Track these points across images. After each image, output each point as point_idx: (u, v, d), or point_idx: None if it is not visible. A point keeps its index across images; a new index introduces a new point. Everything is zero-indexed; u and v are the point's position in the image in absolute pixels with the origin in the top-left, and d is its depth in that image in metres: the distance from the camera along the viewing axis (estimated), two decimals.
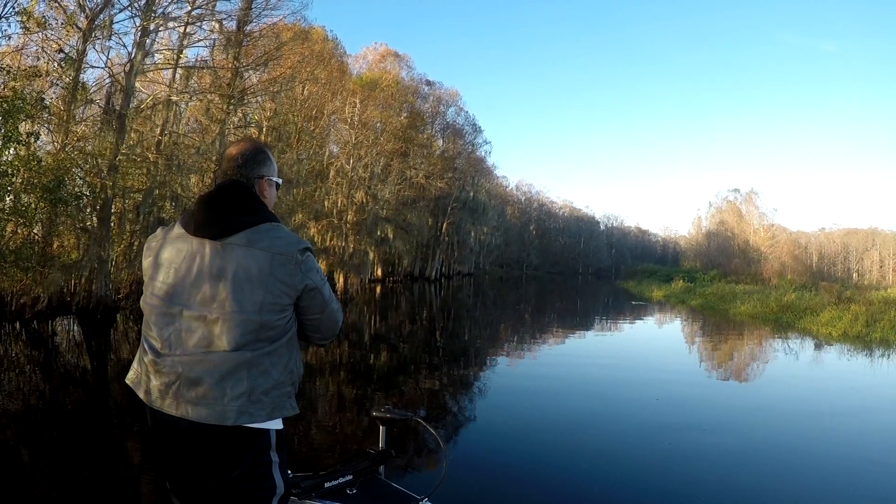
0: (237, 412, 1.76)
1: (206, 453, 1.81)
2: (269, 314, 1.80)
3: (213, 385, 1.75)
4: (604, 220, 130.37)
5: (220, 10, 18.68)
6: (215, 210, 1.86)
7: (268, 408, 1.81)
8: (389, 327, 17.78)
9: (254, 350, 1.79)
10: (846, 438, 6.91)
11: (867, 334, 17.32)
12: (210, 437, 1.78)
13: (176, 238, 1.89)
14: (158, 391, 1.80)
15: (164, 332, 1.83)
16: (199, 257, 1.82)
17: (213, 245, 1.82)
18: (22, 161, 12.93)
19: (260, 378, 1.80)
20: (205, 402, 1.75)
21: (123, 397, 7.11)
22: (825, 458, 6.14)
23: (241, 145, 2.03)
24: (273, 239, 1.83)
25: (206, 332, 1.78)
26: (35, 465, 4.97)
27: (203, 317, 1.79)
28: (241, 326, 1.77)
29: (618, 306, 30.82)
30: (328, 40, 32.71)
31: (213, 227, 1.83)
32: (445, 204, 51.39)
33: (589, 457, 5.86)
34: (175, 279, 1.84)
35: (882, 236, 78.98)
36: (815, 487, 5.19)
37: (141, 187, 17.54)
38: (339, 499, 2.23)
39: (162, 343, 1.83)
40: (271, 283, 1.80)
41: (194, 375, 1.76)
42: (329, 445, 5.87)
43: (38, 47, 14.89)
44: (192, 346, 1.78)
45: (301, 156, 25.38)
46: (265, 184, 2.01)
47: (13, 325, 13.33)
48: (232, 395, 1.76)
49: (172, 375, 1.78)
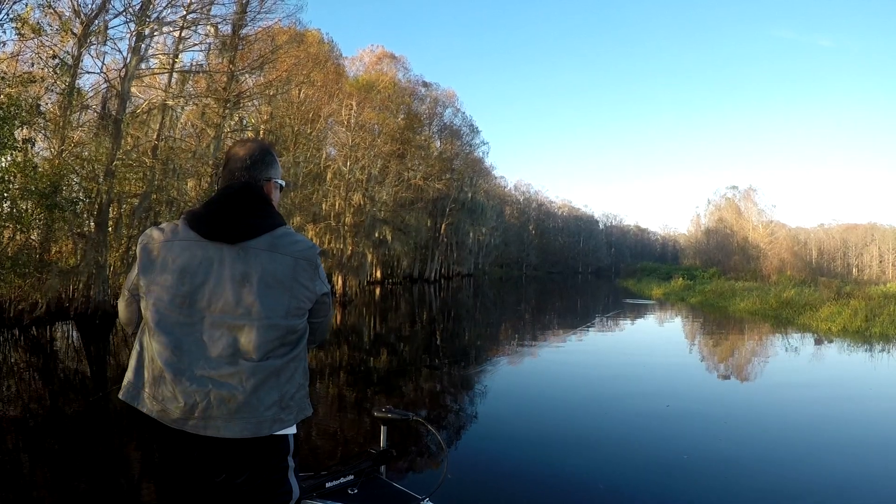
0: (272, 421, 1.74)
1: (228, 465, 1.77)
2: (294, 319, 1.79)
3: (247, 397, 1.71)
4: (603, 218, 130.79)
5: (215, 14, 18.71)
6: (231, 213, 1.80)
7: (294, 412, 1.80)
8: (389, 329, 17.76)
9: (281, 357, 1.77)
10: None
11: (867, 329, 17.33)
12: (235, 449, 1.74)
13: (186, 241, 1.78)
14: (182, 411, 1.70)
15: (183, 341, 1.73)
16: (218, 262, 1.76)
17: (232, 249, 1.77)
18: (18, 167, 12.90)
19: (287, 384, 1.78)
20: (240, 416, 1.71)
21: (123, 404, 7.05)
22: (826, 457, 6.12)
23: (247, 146, 1.97)
24: (293, 243, 1.81)
25: (231, 340, 1.72)
26: (34, 471, 4.94)
27: (227, 323, 1.73)
28: (269, 332, 1.74)
29: (618, 305, 30.81)
30: (324, 43, 32.78)
31: (231, 230, 1.77)
32: (444, 205, 51.41)
33: (590, 456, 5.85)
34: (192, 285, 1.75)
35: (881, 231, 79.19)
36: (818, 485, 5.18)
37: (137, 192, 17.50)
38: (341, 499, 2.22)
39: (180, 354, 1.73)
40: (296, 287, 1.78)
41: (227, 390, 1.70)
42: (329, 447, 5.85)
43: (33, 53, 14.87)
44: (216, 355, 1.72)
45: (298, 159, 25.36)
46: (272, 186, 1.97)
47: (11, 331, 13.28)
48: (266, 404, 1.73)
49: (199, 394, 1.69)
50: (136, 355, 1.84)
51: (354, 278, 32.70)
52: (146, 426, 1.83)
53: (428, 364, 11.29)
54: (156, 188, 17.63)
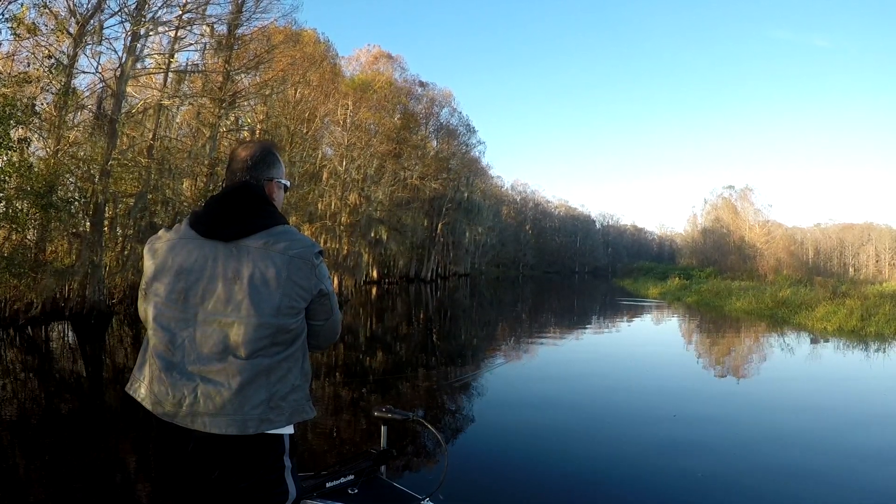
0: (258, 420, 1.73)
1: (220, 462, 1.77)
2: (286, 318, 1.78)
3: (233, 395, 1.71)
4: (600, 218, 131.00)
5: (210, 13, 18.68)
6: (227, 212, 1.82)
7: (286, 413, 1.79)
8: (386, 328, 17.75)
9: (271, 356, 1.76)
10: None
11: (862, 328, 17.39)
12: (226, 446, 1.74)
13: (186, 240, 1.83)
14: (171, 405, 1.74)
15: (177, 337, 1.76)
16: (213, 259, 1.78)
17: (227, 247, 1.78)
18: (14, 167, 12.85)
19: (278, 384, 1.77)
20: (224, 413, 1.71)
21: (119, 402, 7.06)
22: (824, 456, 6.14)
23: (250, 147, 1.98)
24: (290, 242, 1.80)
25: (222, 337, 1.74)
26: (30, 471, 4.92)
27: (219, 320, 1.74)
28: (259, 330, 1.73)
29: (615, 304, 30.87)
30: (320, 42, 32.72)
31: (227, 228, 1.79)
32: (440, 205, 51.41)
33: (591, 456, 5.85)
34: (188, 282, 1.78)
35: (878, 231, 79.50)
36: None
37: (133, 192, 17.45)
38: (341, 499, 2.22)
39: (174, 349, 1.76)
40: (288, 286, 1.77)
41: (212, 386, 1.71)
42: (325, 447, 5.84)
43: (29, 53, 14.81)
44: (207, 351, 1.73)
45: (294, 158, 25.32)
46: (274, 186, 1.98)
47: (7, 331, 13.23)
48: (253, 403, 1.73)
49: (187, 388, 1.72)
50: (142, 351, 1.87)
51: (351, 278, 32.67)
52: (148, 422, 1.84)
53: (425, 364, 11.28)
54: (151, 188, 17.60)
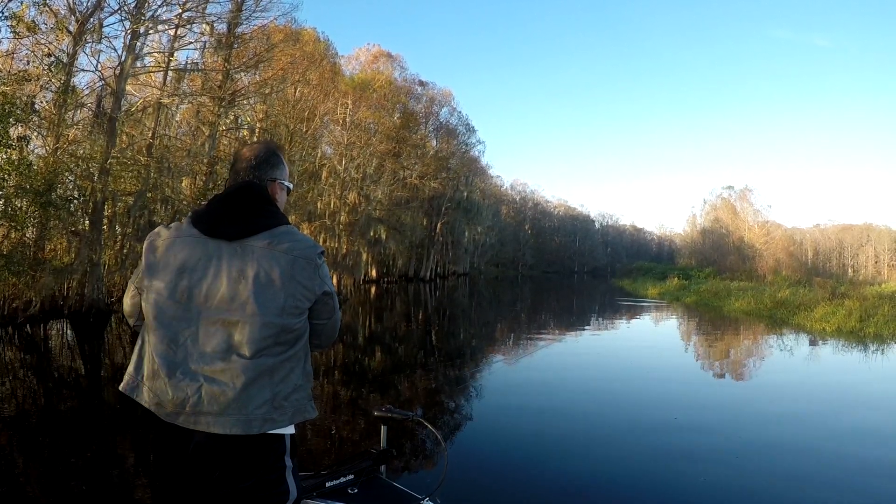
0: (262, 420, 1.74)
1: (221, 462, 1.76)
2: (290, 317, 1.78)
3: (237, 394, 1.71)
4: (599, 218, 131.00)
5: (210, 12, 18.67)
6: (231, 211, 1.83)
7: (289, 412, 1.80)
8: (385, 328, 17.74)
9: (275, 356, 1.77)
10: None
11: (861, 329, 17.40)
12: (228, 446, 1.74)
13: (187, 238, 1.82)
14: (173, 405, 1.73)
15: (180, 336, 1.76)
16: (216, 258, 1.78)
17: (230, 246, 1.79)
18: (13, 165, 12.84)
19: (281, 384, 1.78)
20: (228, 413, 1.71)
21: (117, 401, 7.05)
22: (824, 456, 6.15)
23: (254, 147, 2.00)
24: (293, 242, 1.81)
25: (226, 336, 1.74)
26: (28, 469, 4.92)
27: (222, 319, 1.75)
28: (263, 330, 1.74)
29: (613, 304, 30.88)
30: (319, 41, 32.76)
31: (231, 228, 1.80)
32: (439, 204, 51.43)
33: (591, 455, 5.85)
34: (190, 281, 1.78)
35: (877, 232, 79.50)
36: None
37: (132, 190, 17.44)
38: (341, 498, 2.22)
39: (176, 347, 1.76)
40: (292, 285, 1.78)
41: (217, 386, 1.71)
42: (324, 446, 5.83)
43: (29, 51, 14.80)
44: (211, 350, 1.73)
45: (293, 157, 25.31)
46: (277, 187, 1.99)
47: (5, 329, 13.22)
48: (256, 403, 1.73)
49: (191, 388, 1.72)
50: (137, 349, 1.86)
51: (350, 277, 32.71)
52: (146, 421, 1.83)
53: (424, 363, 11.28)
54: (151, 186, 17.59)
